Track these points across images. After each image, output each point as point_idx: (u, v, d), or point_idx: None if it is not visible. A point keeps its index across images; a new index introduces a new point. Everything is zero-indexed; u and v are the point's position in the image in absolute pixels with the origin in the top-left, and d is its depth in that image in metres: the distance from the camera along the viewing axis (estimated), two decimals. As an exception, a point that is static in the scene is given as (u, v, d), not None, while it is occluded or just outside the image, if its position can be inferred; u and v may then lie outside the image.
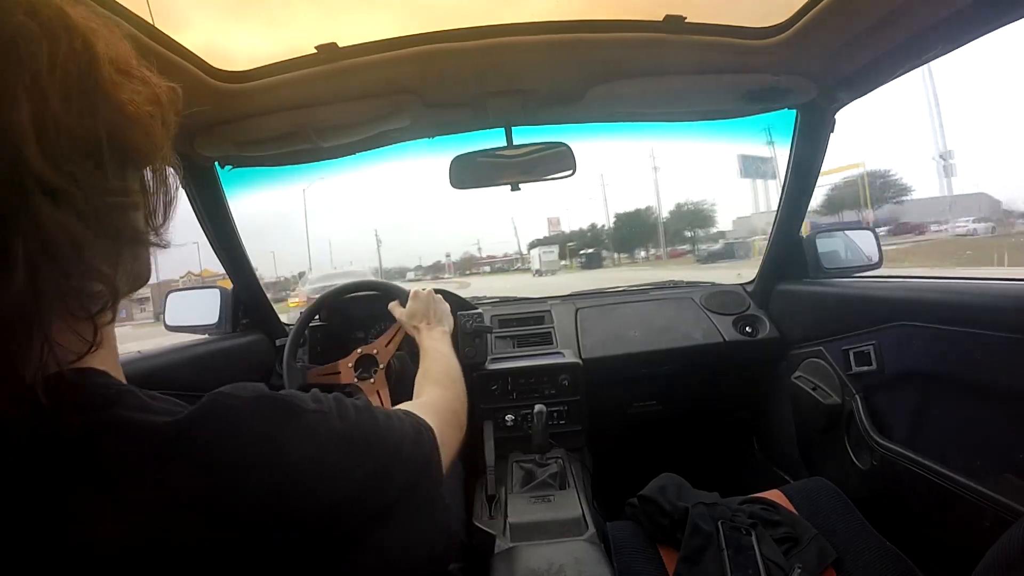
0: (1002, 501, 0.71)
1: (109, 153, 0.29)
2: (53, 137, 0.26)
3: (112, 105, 0.29)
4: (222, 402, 0.31)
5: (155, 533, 0.27)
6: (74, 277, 0.27)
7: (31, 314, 0.25)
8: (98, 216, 0.28)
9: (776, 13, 0.83)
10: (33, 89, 0.25)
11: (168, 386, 0.94)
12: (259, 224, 74.80)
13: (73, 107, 0.27)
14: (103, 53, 0.29)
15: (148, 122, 0.32)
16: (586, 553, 0.84)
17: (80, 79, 0.27)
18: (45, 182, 0.25)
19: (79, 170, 0.27)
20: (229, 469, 0.29)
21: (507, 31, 0.82)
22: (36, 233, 0.25)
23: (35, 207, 0.25)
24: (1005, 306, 0.74)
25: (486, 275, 51.17)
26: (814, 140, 1.15)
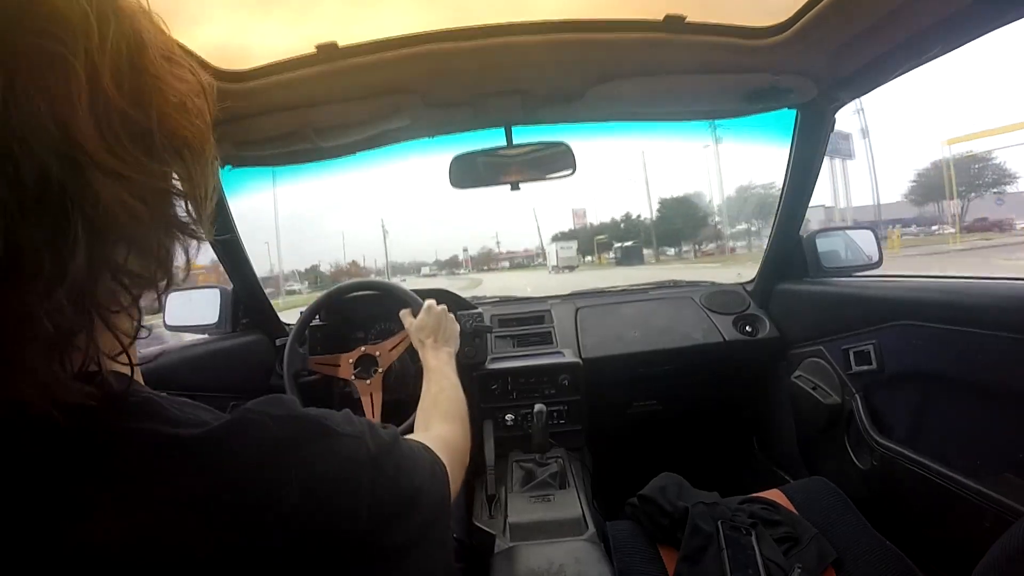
0: (1002, 501, 0.71)
1: (160, 141, 0.28)
2: (106, 115, 0.25)
3: (162, 92, 0.29)
4: (251, 419, 0.30)
5: (176, 546, 0.26)
6: (129, 259, 0.27)
7: (87, 294, 0.25)
8: (152, 196, 0.27)
9: (776, 13, 0.83)
10: (87, 63, 0.24)
11: (168, 386, 0.94)
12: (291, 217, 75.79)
13: (125, 89, 0.26)
14: (150, 39, 0.29)
15: (196, 111, 0.31)
16: (586, 553, 0.84)
17: (130, 61, 0.27)
18: (100, 161, 0.24)
19: (131, 151, 0.26)
20: (254, 483, 0.28)
21: (507, 31, 0.82)
22: (94, 210, 0.24)
23: (94, 182, 0.24)
24: (1005, 306, 0.74)
25: (504, 271, 49.49)
26: (814, 140, 1.15)
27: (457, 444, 0.62)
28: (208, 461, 0.28)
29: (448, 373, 0.84)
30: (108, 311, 0.27)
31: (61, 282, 0.23)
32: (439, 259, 65.66)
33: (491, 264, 59.80)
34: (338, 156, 1.13)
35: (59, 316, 0.24)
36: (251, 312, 1.31)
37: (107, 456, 0.26)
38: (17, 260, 0.22)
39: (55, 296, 0.23)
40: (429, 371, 0.85)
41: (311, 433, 0.32)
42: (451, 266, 61.57)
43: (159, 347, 1.03)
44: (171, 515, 0.26)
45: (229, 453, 0.28)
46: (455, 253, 68.72)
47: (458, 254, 65.91)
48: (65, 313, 0.24)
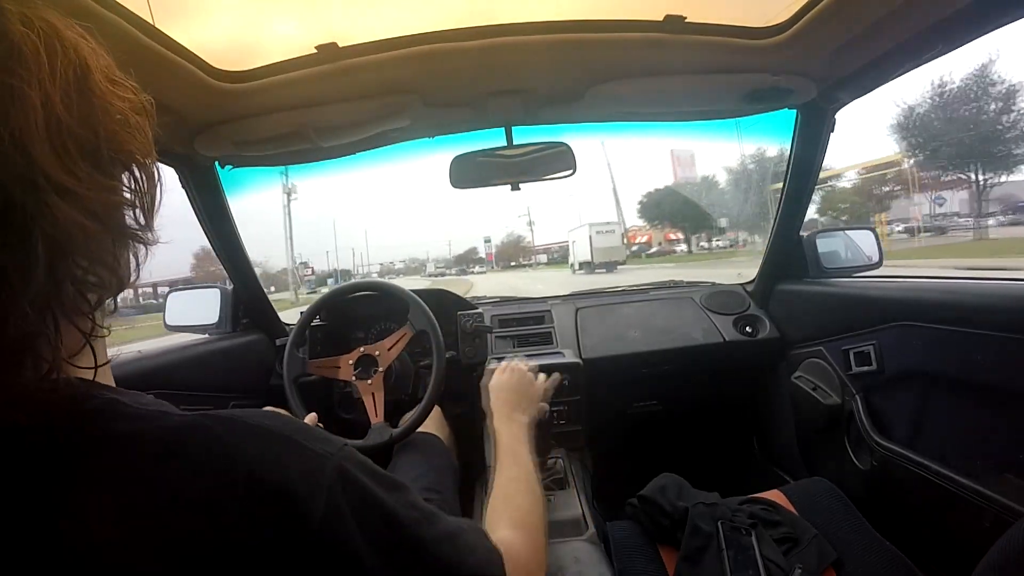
0: (1002, 501, 0.71)
1: (107, 154, 0.31)
2: (59, 139, 0.27)
3: (107, 111, 0.31)
4: (201, 423, 0.31)
5: (155, 540, 0.27)
6: (86, 269, 0.30)
7: (47, 307, 0.27)
8: (104, 211, 0.30)
9: (776, 13, 0.83)
10: (41, 93, 0.27)
11: (168, 386, 0.94)
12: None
13: (74, 112, 0.28)
14: (93, 62, 0.31)
15: (138, 127, 0.34)
16: (586, 553, 0.84)
17: (77, 86, 0.29)
18: (56, 181, 0.27)
19: (82, 170, 0.29)
20: (204, 479, 0.29)
21: (507, 31, 0.82)
22: (53, 228, 0.27)
23: (51, 204, 0.27)
24: (1005, 306, 0.74)
25: (539, 267, 39.33)
26: (814, 140, 1.15)
27: (523, 557, 0.49)
28: (163, 459, 0.29)
29: (522, 456, 0.68)
30: (70, 315, 0.29)
31: (24, 294, 0.26)
32: (451, 252, 55.69)
33: (521, 258, 49.21)
34: (338, 156, 1.13)
35: (22, 323, 0.26)
36: (251, 312, 1.31)
37: (72, 456, 0.28)
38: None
39: (19, 306, 0.26)
40: (501, 449, 0.69)
41: (266, 440, 0.33)
42: (464, 262, 51.70)
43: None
44: (130, 511, 0.28)
45: (182, 452, 0.30)
46: (472, 245, 58.35)
47: (477, 246, 55.55)
48: (28, 320, 0.26)
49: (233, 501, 0.29)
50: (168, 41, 0.71)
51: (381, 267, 56.77)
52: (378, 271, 52.70)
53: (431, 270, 49.59)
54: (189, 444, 0.30)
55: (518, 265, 47.44)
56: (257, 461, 0.31)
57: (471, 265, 50.31)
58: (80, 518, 0.27)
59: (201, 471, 0.29)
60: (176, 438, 0.30)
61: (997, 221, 18.83)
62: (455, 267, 50.74)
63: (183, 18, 0.71)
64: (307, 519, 0.30)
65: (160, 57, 0.69)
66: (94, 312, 0.31)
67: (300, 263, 39.99)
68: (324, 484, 0.32)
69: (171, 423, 0.31)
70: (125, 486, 0.28)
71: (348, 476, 0.34)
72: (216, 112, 0.90)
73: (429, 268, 51.13)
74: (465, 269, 47.44)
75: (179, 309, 1.26)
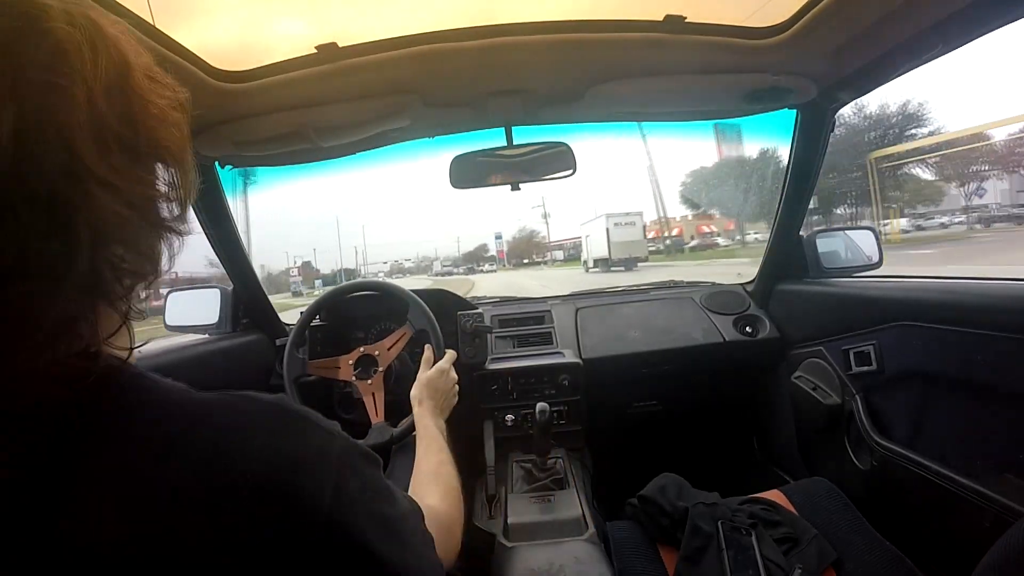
0: (1002, 501, 0.71)
1: (146, 151, 0.32)
2: (101, 135, 0.29)
3: (145, 107, 0.32)
4: (227, 400, 0.33)
5: (157, 527, 0.28)
6: (123, 257, 0.31)
7: (88, 291, 0.29)
8: (142, 204, 0.32)
9: (776, 13, 0.83)
10: (85, 89, 0.28)
11: None
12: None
13: (115, 108, 0.30)
14: (133, 59, 0.32)
15: (175, 123, 0.35)
16: (586, 553, 0.84)
17: (118, 83, 0.30)
18: (97, 174, 0.28)
19: (121, 164, 0.30)
20: (223, 455, 0.30)
21: (507, 31, 0.82)
22: (94, 217, 0.28)
23: (93, 194, 0.28)
24: (1005, 306, 0.74)
25: (556, 265, 34.38)
26: (814, 140, 1.15)
27: (450, 526, 0.61)
28: (189, 431, 0.31)
29: (445, 446, 0.81)
30: (108, 299, 0.31)
31: (68, 278, 0.28)
32: (460, 250, 52.15)
33: (536, 254, 44.96)
34: (338, 156, 1.13)
35: (66, 306, 0.28)
36: (251, 312, 1.31)
37: (102, 426, 0.30)
38: (27, 265, 0.26)
39: (62, 290, 0.28)
40: (428, 437, 0.82)
41: (283, 416, 0.35)
42: (474, 259, 48.98)
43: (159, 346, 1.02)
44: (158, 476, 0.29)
45: (208, 423, 0.32)
46: (483, 241, 53.36)
47: (488, 243, 50.68)
48: (71, 303, 0.28)
49: (248, 476, 0.30)
50: (168, 41, 0.71)
51: (391, 265, 53.13)
52: (386, 271, 49.95)
53: (438, 269, 47.35)
54: (213, 416, 0.32)
55: (531, 262, 43.28)
56: (273, 436, 0.33)
57: (481, 263, 47.55)
58: (107, 481, 0.28)
59: (224, 441, 0.31)
60: (198, 410, 0.32)
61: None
62: (463, 265, 47.77)
63: (183, 18, 0.71)
64: (319, 493, 0.32)
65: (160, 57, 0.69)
66: (129, 296, 0.33)
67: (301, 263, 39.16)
68: (334, 461, 0.34)
69: (198, 397, 0.33)
70: (140, 457, 0.29)
71: (354, 456, 0.37)
72: (216, 112, 0.90)
73: (436, 267, 49.12)
74: (474, 267, 44.80)
75: (179, 309, 1.26)
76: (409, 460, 0.98)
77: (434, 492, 0.66)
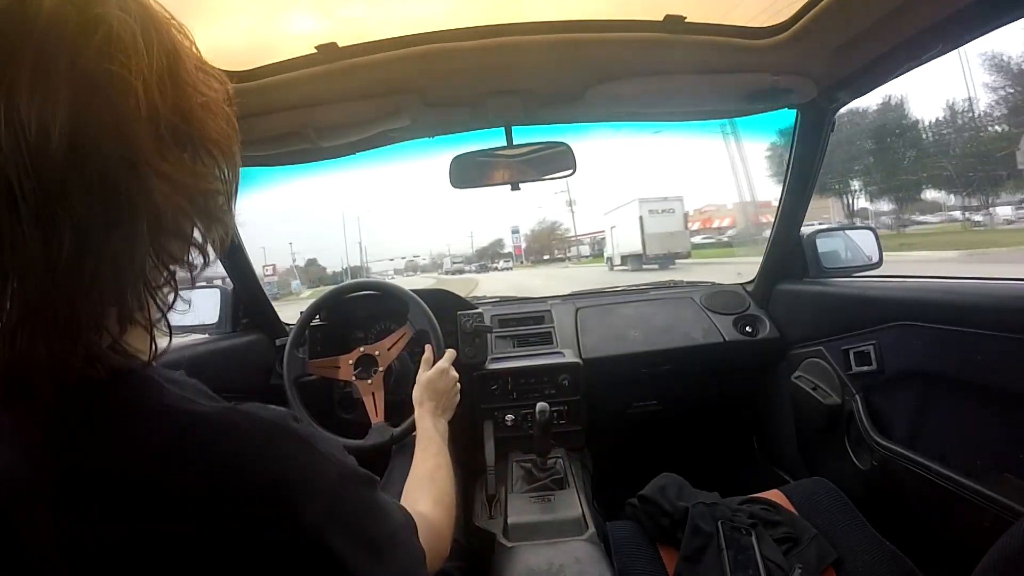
0: (1002, 501, 0.71)
1: (198, 144, 0.32)
2: (156, 125, 0.28)
3: (196, 99, 0.32)
4: (230, 417, 0.33)
5: (156, 536, 0.28)
6: (176, 252, 0.32)
7: (144, 282, 0.29)
8: (197, 195, 0.32)
9: (776, 13, 0.83)
10: (139, 79, 0.27)
11: None
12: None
13: (168, 98, 0.29)
14: (183, 49, 0.32)
15: (224, 116, 0.35)
16: (586, 553, 0.84)
17: (170, 71, 0.30)
18: (156, 166, 0.28)
19: (176, 156, 0.30)
20: (223, 468, 0.30)
21: (507, 31, 0.82)
22: (155, 209, 0.28)
23: (152, 187, 0.28)
24: (1005, 306, 0.74)
25: (584, 261, 29.52)
26: (814, 140, 1.15)
27: (442, 532, 0.60)
28: (188, 444, 0.30)
29: (444, 449, 0.79)
30: (153, 290, 0.31)
31: (130, 270, 0.28)
32: (479, 247, 47.78)
33: (559, 248, 38.87)
34: (338, 156, 1.13)
35: (123, 298, 0.28)
36: (251, 312, 1.31)
37: (108, 426, 0.30)
38: (86, 256, 0.26)
39: (124, 280, 0.28)
40: (426, 440, 0.80)
41: (282, 438, 0.34)
42: (490, 256, 45.02)
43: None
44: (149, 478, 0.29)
45: (201, 437, 0.31)
46: (499, 237, 49.01)
47: (504, 238, 46.51)
48: (129, 294, 0.29)
49: (243, 491, 0.30)
50: (168, 41, 0.71)
51: (406, 263, 50.63)
52: (400, 268, 47.49)
53: (448, 266, 43.20)
54: (209, 429, 0.31)
55: (553, 259, 38.65)
56: (269, 457, 0.32)
57: (495, 260, 43.66)
58: (105, 484, 0.28)
59: (217, 455, 0.31)
60: (198, 422, 0.31)
61: None
62: (476, 263, 43.46)
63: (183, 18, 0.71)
64: (303, 514, 0.31)
65: None
66: (170, 286, 0.33)
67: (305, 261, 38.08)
68: (327, 487, 0.34)
69: (199, 409, 0.32)
70: (147, 455, 0.29)
71: (350, 482, 0.36)
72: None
73: (446, 264, 45.39)
74: (487, 265, 40.51)
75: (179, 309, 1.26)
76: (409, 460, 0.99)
77: (426, 498, 0.65)
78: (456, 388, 0.97)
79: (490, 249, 48.95)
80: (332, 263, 43.31)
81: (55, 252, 0.25)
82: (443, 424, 0.87)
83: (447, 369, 0.96)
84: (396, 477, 0.98)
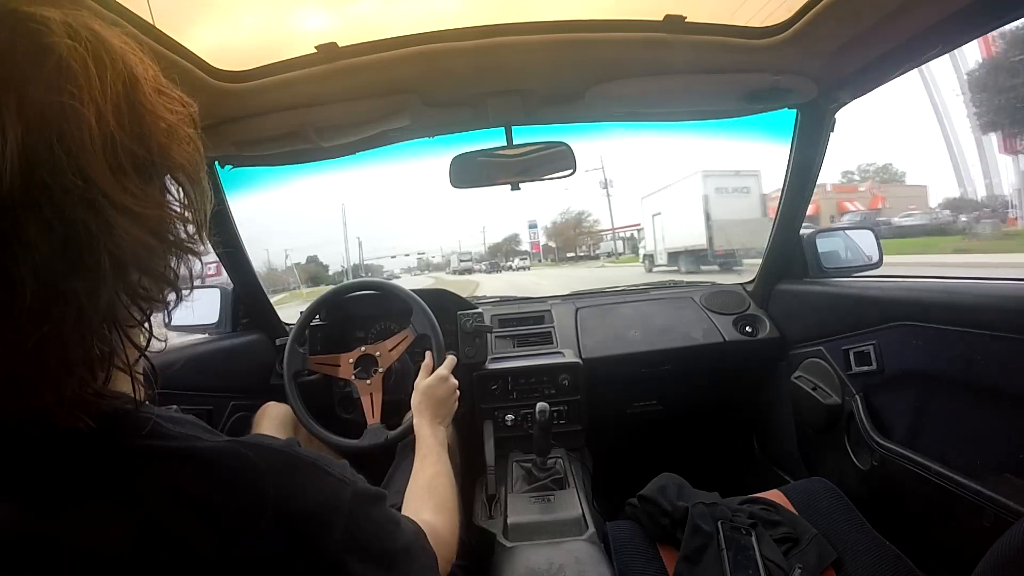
0: (1002, 501, 0.71)
1: (159, 168, 0.31)
2: (114, 156, 0.27)
3: (155, 123, 0.30)
4: (236, 449, 0.32)
5: (168, 550, 0.28)
6: (141, 284, 0.30)
7: (112, 324, 0.28)
8: (162, 227, 0.30)
9: (776, 13, 0.83)
10: (94, 108, 0.26)
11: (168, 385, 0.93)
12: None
13: (125, 126, 0.28)
14: (140, 72, 0.30)
15: (187, 138, 0.33)
16: (586, 553, 0.84)
17: (127, 98, 0.29)
18: (114, 199, 0.27)
19: (137, 187, 0.28)
20: (233, 504, 0.30)
21: (507, 31, 0.82)
22: (117, 247, 0.27)
23: (114, 223, 0.26)
24: (1005, 306, 0.74)
25: (621, 261, 24.48)
26: (814, 140, 1.15)
27: (446, 538, 0.61)
28: (195, 478, 0.30)
29: (443, 456, 0.80)
30: (125, 331, 0.30)
31: (95, 312, 0.26)
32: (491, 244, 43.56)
33: (583, 246, 34.08)
34: (338, 156, 1.13)
35: (89, 342, 0.27)
36: (251, 312, 1.31)
37: (103, 466, 0.29)
38: (49, 300, 0.25)
39: (88, 325, 0.26)
40: (426, 448, 0.80)
41: (293, 466, 0.33)
42: (504, 254, 41.23)
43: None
44: (154, 524, 0.28)
45: (214, 474, 0.30)
46: (515, 232, 44.49)
47: (520, 232, 43.17)
48: (95, 339, 0.27)
49: (260, 522, 0.30)
50: (168, 41, 0.71)
51: (419, 259, 47.71)
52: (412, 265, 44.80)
53: (455, 265, 39.29)
54: (221, 466, 0.30)
55: (576, 257, 33.26)
56: (285, 487, 0.32)
57: (510, 257, 39.24)
58: (93, 527, 0.27)
59: (232, 493, 0.30)
60: (208, 459, 0.30)
61: None
62: (486, 261, 38.89)
63: (183, 18, 0.71)
64: (326, 542, 0.31)
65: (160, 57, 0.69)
66: (143, 324, 0.31)
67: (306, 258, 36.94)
68: (344, 510, 0.33)
69: (203, 445, 0.31)
70: (150, 500, 0.28)
71: (363, 501, 0.36)
72: (216, 112, 0.90)
73: (453, 262, 41.71)
74: (499, 264, 36.53)
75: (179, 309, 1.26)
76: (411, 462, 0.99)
77: (428, 507, 0.66)
78: (455, 395, 0.97)
79: (504, 246, 45.00)
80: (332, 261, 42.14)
81: (18, 298, 0.24)
82: (442, 431, 0.88)
83: (447, 376, 0.96)
84: (398, 478, 0.98)
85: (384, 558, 0.36)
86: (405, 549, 0.39)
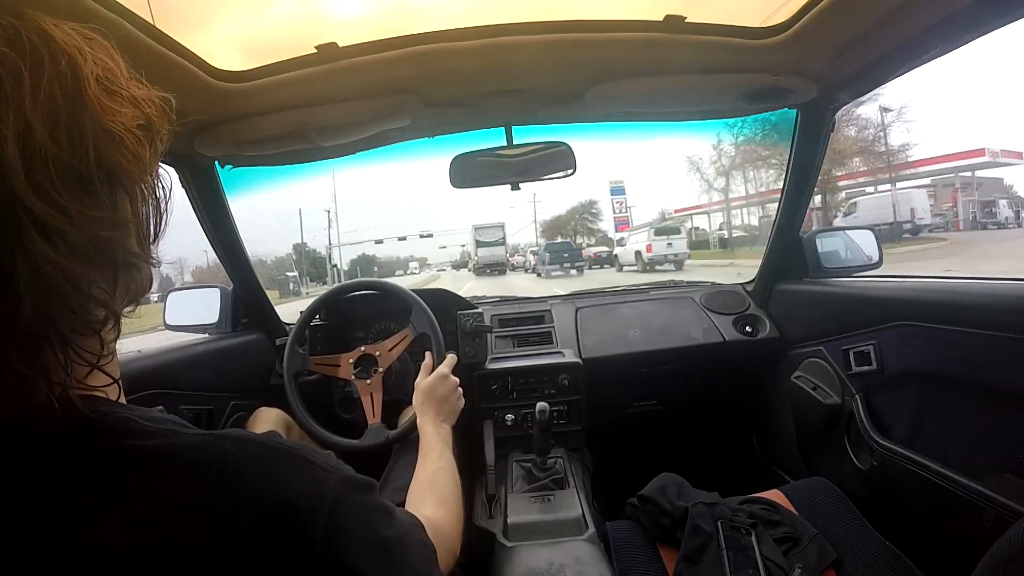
0: (1002, 501, 0.71)
1: (99, 179, 0.28)
2: (42, 170, 0.25)
3: (100, 127, 0.29)
4: (212, 442, 0.32)
5: (162, 552, 0.28)
6: (75, 308, 0.28)
7: (42, 338, 0.26)
8: (93, 247, 0.28)
9: (776, 13, 0.83)
10: (18, 122, 0.25)
11: (168, 385, 0.94)
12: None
13: (60, 135, 0.26)
14: (89, 73, 0.29)
15: (137, 143, 0.31)
16: (586, 553, 0.84)
17: (66, 103, 0.27)
18: (37, 218, 0.25)
19: (70, 201, 0.27)
20: (214, 497, 0.30)
21: (507, 31, 0.82)
22: (34, 271, 0.25)
23: (31, 245, 0.25)
24: (1005, 306, 0.74)
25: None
26: (814, 140, 1.15)
27: (447, 532, 0.60)
28: (175, 474, 0.29)
29: (446, 453, 0.79)
30: (71, 342, 0.28)
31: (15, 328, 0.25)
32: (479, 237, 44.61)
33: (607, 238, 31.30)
34: (338, 156, 1.13)
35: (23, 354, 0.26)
36: (251, 312, 1.31)
37: (82, 471, 0.28)
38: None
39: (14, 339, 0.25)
40: (428, 445, 0.80)
41: (275, 456, 0.33)
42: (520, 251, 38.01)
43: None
44: (138, 524, 0.28)
45: (193, 469, 0.30)
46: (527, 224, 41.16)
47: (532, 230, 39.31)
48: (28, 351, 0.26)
49: (243, 515, 0.29)
50: (168, 41, 0.71)
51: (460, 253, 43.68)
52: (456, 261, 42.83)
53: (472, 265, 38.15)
54: (201, 461, 0.30)
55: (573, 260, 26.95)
56: (265, 478, 0.31)
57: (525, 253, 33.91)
58: (86, 529, 0.27)
59: (214, 487, 0.30)
60: (188, 455, 0.30)
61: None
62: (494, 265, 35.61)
63: (183, 18, 0.71)
64: (311, 532, 0.31)
65: (160, 57, 0.69)
66: (100, 334, 0.30)
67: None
68: (328, 498, 0.33)
69: (182, 440, 0.31)
70: (134, 500, 0.28)
71: (349, 489, 0.35)
72: (216, 112, 0.90)
73: (445, 267, 41.68)
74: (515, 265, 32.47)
75: (178, 309, 1.26)
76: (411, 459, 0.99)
77: (429, 502, 0.65)
78: (458, 393, 0.97)
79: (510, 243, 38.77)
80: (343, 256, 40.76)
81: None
82: (445, 430, 0.87)
83: (447, 375, 0.96)
84: (397, 474, 0.98)
85: (377, 546, 0.35)
86: (399, 539, 0.38)
